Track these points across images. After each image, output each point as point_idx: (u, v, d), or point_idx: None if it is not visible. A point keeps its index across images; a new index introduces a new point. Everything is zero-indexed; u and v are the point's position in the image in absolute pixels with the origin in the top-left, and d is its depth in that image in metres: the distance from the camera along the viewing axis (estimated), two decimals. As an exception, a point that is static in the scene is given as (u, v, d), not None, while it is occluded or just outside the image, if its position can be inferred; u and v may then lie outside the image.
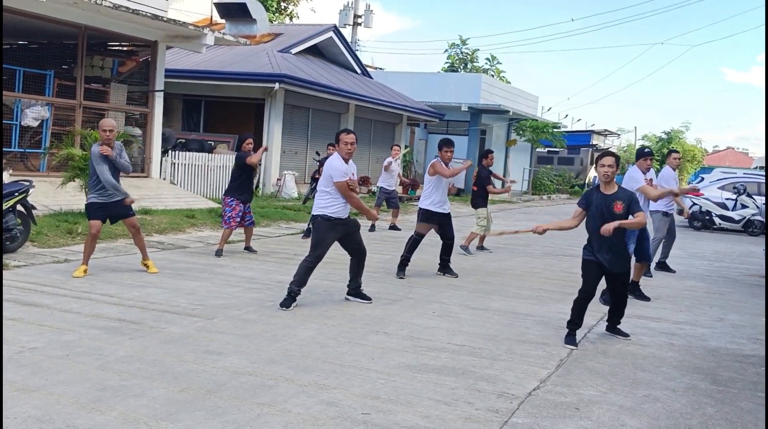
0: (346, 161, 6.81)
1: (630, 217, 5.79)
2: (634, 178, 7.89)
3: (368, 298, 7.04)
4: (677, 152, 10.05)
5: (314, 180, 12.16)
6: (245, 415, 3.84)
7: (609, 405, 4.43)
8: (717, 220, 18.46)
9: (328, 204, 6.72)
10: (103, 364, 4.56)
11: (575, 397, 4.53)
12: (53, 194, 11.99)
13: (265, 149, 10.69)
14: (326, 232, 6.75)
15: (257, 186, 18.81)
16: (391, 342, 5.55)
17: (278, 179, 19.03)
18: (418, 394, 4.36)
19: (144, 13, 13.29)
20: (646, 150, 8.27)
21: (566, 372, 5.08)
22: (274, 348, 5.16)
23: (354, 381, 4.53)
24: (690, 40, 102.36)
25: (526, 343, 5.81)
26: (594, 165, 6.14)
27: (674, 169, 9.73)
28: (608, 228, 5.66)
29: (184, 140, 19.30)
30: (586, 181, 37.61)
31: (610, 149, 8.49)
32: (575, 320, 5.90)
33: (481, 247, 11.77)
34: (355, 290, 7.09)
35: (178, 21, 14.46)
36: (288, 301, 6.51)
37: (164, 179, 15.82)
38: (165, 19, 13.91)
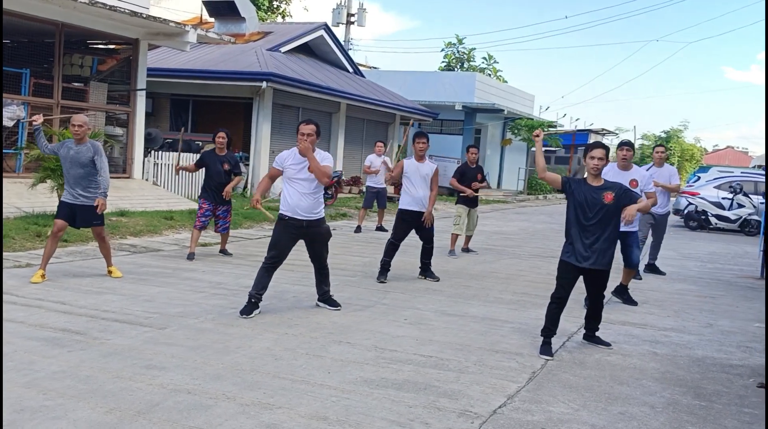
0: (302, 153, 6.16)
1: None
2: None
3: (336, 305, 6.65)
4: (661, 146, 9.65)
5: None
6: (172, 440, 3.48)
7: (580, 424, 4.06)
8: (713, 220, 18.09)
9: (282, 200, 6.33)
10: (30, 381, 4.19)
11: (544, 416, 4.17)
12: (27, 196, 11.64)
13: (182, 168, 10.10)
14: (279, 234, 6.32)
15: (245, 187, 18.48)
16: (352, 353, 5.19)
17: (266, 180, 18.64)
18: (371, 414, 4.00)
19: (122, 10, 12.92)
20: (623, 141, 7.87)
21: (537, 386, 4.71)
22: (223, 361, 4.80)
23: (303, 399, 4.17)
24: (686, 37, 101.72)
25: (499, 354, 5.45)
26: (584, 158, 5.72)
27: (658, 166, 9.28)
28: (631, 213, 5.30)
29: (171, 140, 18.95)
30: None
31: (600, 141, 8.16)
32: (549, 327, 5.54)
33: (466, 249, 11.39)
34: (322, 296, 6.72)
35: (159, 18, 14.09)
36: (248, 309, 6.13)
37: (147, 180, 15.47)
38: (144, 15, 13.55)
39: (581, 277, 5.61)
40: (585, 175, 5.65)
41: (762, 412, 4.47)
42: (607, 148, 5.62)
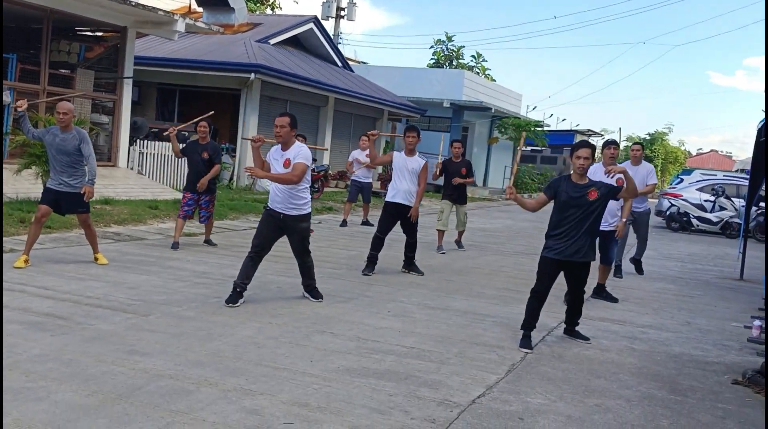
0: (282, 148, 6.26)
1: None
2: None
3: (318, 297, 6.67)
4: (637, 144, 9.38)
5: None
6: (154, 423, 3.51)
7: (556, 415, 4.14)
8: (695, 222, 18.28)
9: (270, 194, 6.43)
10: (13, 363, 4.20)
11: (521, 406, 4.24)
12: (12, 182, 11.57)
13: (178, 131, 9.53)
14: (262, 223, 6.42)
15: (231, 178, 18.43)
16: (335, 343, 5.23)
17: (252, 171, 18.60)
18: (352, 402, 4.05)
19: (110, -3, 12.86)
20: (609, 140, 7.91)
21: (516, 378, 4.79)
22: (206, 348, 4.82)
23: (284, 386, 4.21)
24: (672, 40, 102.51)
25: (480, 346, 5.51)
26: (570, 156, 5.84)
27: (634, 164, 9.20)
28: (618, 169, 5.62)
29: (157, 130, 18.87)
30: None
31: (587, 140, 8.09)
32: (530, 321, 5.62)
33: (458, 242, 11.46)
34: (306, 287, 6.74)
35: (147, 6, 14.02)
36: (233, 298, 6.16)
37: (132, 169, 15.41)
38: (133, 3, 13.49)
39: (561, 273, 5.71)
40: (570, 173, 5.73)
41: (735, 408, 4.57)
42: (593, 147, 5.72)
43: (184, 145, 9.71)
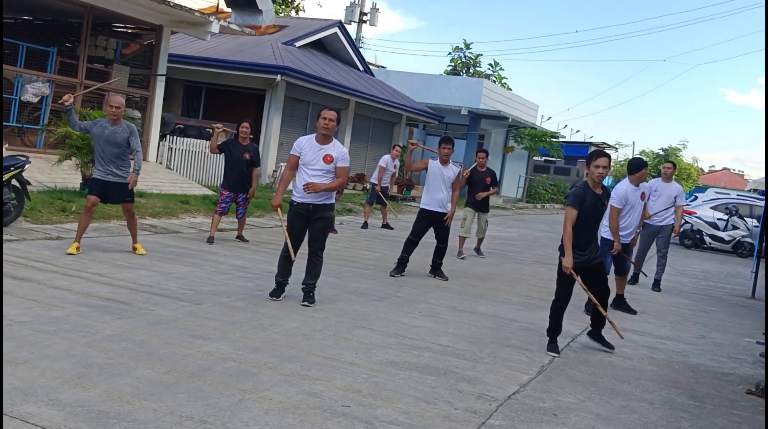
0: (321, 141, 6.43)
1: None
2: (615, 191, 7.85)
3: (312, 301, 6.49)
4: (669, 162, 9.98)
5: None
6: (227, 399, 3.89)
7: (586, 413, 4.49)
8: (707, 240, 18.58)
9: (295, 186, 6.56)
10: (90, 341, 4.60)
11: (553, 403, 4.60)
12: (49, 171, 12.01)
13: (223, 131, 10.01)
14: (291, 220, 6.57)
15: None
16: (376, 338, 5.61)
17: (274, 171, 19.07)
18: (399, 391, 4.42)
19: (150, -4, 13.29)
20: (643, 161, 8.23)
21: (546, 378, 5.14)
22: (260, 336, 5.21)
23: (336, 374, 4.58)
24: (691, 59, 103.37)
25: (510, 348, 5.87)
26: (586, 165, 6.18)
27: (665, 181, 9.73)
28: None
29: (182, 126, 19.30)
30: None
31: (603, 150, 8.47)
32: (554, 327, 5.98)
33: (477, 249, 11.81)
34: (305, 288, 6.57)
35: (185, 7, 14.46)
36: (277, 292, 6.55)
37: (161, 163, 15.83)
38: (171, 3, 13.92)
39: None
40: (585, 181, 6.02)
41: (750, 415, 4.92)
42: (610, 157, 6.07)
43: (221, 142, 10.12)
